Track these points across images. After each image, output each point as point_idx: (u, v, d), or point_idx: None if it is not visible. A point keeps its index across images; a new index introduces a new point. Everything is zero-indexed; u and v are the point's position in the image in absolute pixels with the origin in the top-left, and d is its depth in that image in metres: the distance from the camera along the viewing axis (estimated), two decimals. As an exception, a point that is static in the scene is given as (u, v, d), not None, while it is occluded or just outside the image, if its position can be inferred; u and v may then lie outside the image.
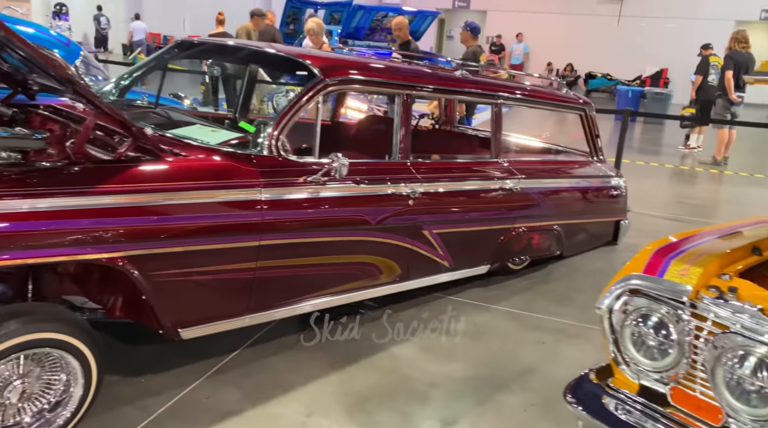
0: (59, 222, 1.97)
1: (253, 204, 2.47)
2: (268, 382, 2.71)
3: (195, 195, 2.30)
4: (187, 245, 2.30)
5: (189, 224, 2.29)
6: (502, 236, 3.77)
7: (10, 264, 1.91)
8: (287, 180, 2.61)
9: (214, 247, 2.38)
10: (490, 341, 3.31)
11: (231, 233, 2.41)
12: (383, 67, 3.22)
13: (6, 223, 1.87)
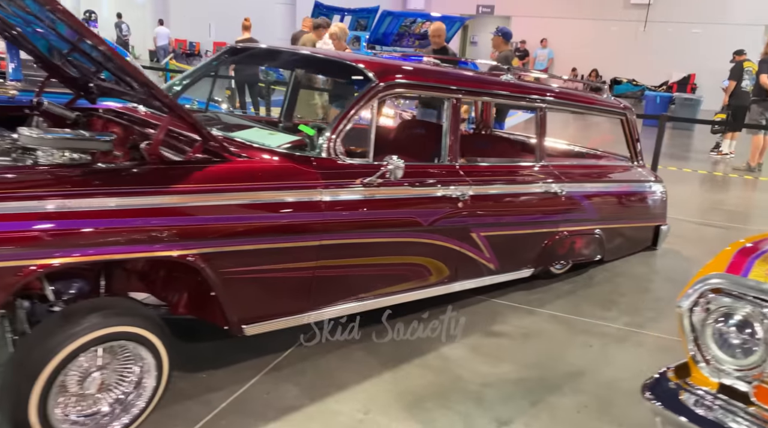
0: (139, 220, 2.05)
1: (315, 205, 2.53)
2: (323, 380, 2.76)
3: (262, 195, 2.37)
4: (255, 244, 2.37)
5: (256, 223, 2.36)
6: (546, 240, 3.79)
7: (98, 259, 1.99)
8: (345, 182, 2.66)
9: (278, 246, 2.45)
10: (537, 343, 3.33)
11: (294, 233, 2.48)
12: (434, 72, 3.27)
13: (91, 220, 1.95)
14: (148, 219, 2.07)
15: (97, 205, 1.97)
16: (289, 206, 2.45)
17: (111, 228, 2.00)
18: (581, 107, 4.23)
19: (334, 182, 2.62)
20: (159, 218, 2.09)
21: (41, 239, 1.85)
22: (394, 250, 2.95)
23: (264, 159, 2.53)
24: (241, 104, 8.90)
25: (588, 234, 4.11)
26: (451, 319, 3.40)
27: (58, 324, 1.99)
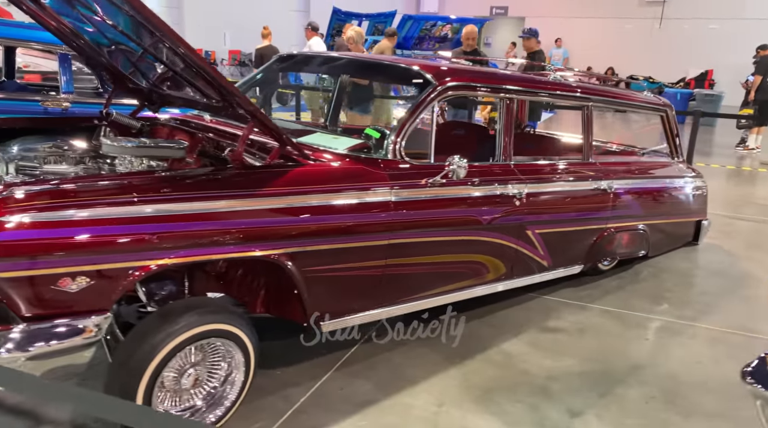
0: (233, 222, 2.14)
1: (385, 205, 2.61)
2: (392, 375, 2.84)
3: (339, 197, 2.46)
4: (333, 243, 2.45)
5: (334, 223, 2.44)
6: (595, 237, 3.84)
7: (198, 260, 2.09)
8: (411, 182, 2.74)
9: (353, 245, 2.53)
10: (594, 338, 3.38)
11: (367, 233, 2.56)
12: (489, 74, 3.34)
13: (190, 222, 2.04)
14: (241, 221, 2.16)
15: (196, 208, 2.06)
16: (362, 207, 2.53)
17: (208, 230, 2.09)
18: (625, 105, 4.28)
19: (401, 182, 2.69)
20: (250, 219, 2.18)
21: (150, 242, 1.95)
22: (456, 248, 3.02)
23: (336, 162, 2.61)
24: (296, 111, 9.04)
25: (634, 230, 4.15)
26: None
27: (158, 324, 2.08)
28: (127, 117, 3.31)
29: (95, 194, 1.90)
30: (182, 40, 2.09)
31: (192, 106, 3.31)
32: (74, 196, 1.86)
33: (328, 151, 2.71)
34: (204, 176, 2.26)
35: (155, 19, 1.97)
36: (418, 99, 2.88)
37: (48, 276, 1.78)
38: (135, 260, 1.93)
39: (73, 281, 1.82)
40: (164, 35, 2.03)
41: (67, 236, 1.80)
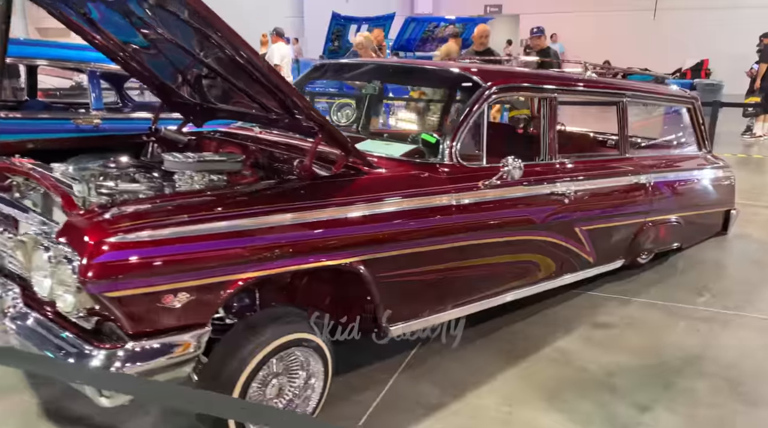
0: (315, 231, 2.17)
1: (448, 209, 2.64)
2: (455, 377, 2.85)
3: (406, 202, 2.48)
4: (403, 248, 2.47)
5: (403, 228, 2.47)
6: (635, 231, 3.87)
7: (285, 271, 2.12)
8: (469, 185, 2.76)
9: (420, 250, 2.55)
10: (645, 331, 3.41)
11: (433, 236, 2.58)
12: (532, 74, 3.37)
13: (277, 235, 2.07)
14: (322, 231, 2.19)
15: (281, 221, 2.09)
16: (428, 211, 2.56)
17: (294, 241, 2.11)
18: (655, 99, 4.32)
19: (460, 186, 2.72)
20: (329, 229, 2.21)
21: (242, 255, 1.97)
22: (511, 249, 3.04)
23: (398, 168, 2.63)
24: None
25: (670, 223, 4.18)
26: (554, 314, 3.48)
27: (245, 336, 2.09)
28: (174, 132, 3.33)
29: (191, 212, 1.92)
30: (249, 46, 2.10)
31: (238, 118, 3.34)
32: (173, 214, 1.88)
33: (385, 158, 2.73)
34: (284, 189, 2.28)
35: (218, 22, 1.98)
36: (469, 102, 2.91)
37: (153, 294, 1.81)
38: (230, 274, 1.95)
39: (176, 298, 1.84)
40: (230, 43, 2.04)
41: (170, 253, 1.82)
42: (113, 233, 1.75)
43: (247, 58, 2.09)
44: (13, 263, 2.24)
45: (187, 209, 1.94)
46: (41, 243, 1.83)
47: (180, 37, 2.49)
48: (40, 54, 4.61)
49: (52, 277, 1.79)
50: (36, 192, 2.34)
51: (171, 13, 2.17)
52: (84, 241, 1.72)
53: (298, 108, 2.32)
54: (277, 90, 2.25)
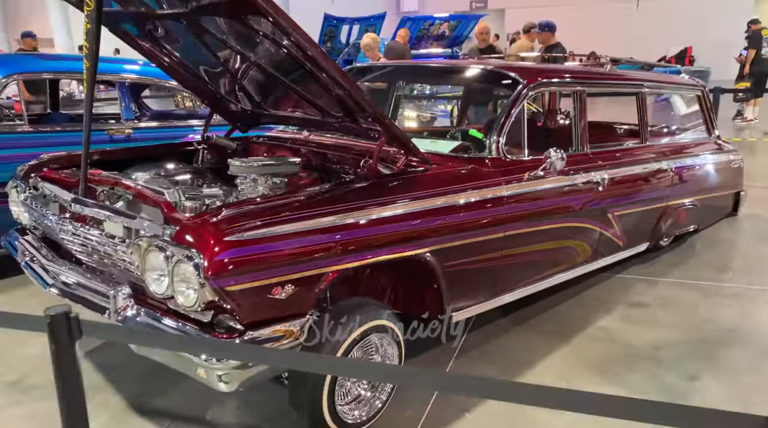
0: (393, 226, 2.32)
1: (501, 200, 2.80)
2: (509, 358, 3.02)
3: (467, 195, 2.65)
4: (466, 238, 2.63)
5: (465, 220, 2.63)
6: (659, 215, 4.07)
7: (370, 262, 2.27)
8: (517, 177, 2.93)
9: (480, 239, 2.72)
10: (679, 308, 3.60)
11: (490, 226, 2.75)
12: (564, 70, 3.55)
13: (363, 229, 2.22)
14: (400, 224, 2.35)
15: (367, 216, 2.25)
16: (487, 202, 2.73)
17: (377, 235, 2.28)
18: (668, 88, 4.52)
19: (509, 178, 2.89)
20: (406, 222, 2.37)
21: (335, 249, 2.13)
22: (554, 236, 3.22)
23: (453, 165, 2.79)
24: None
25: (689, 206, 4.39)
26: (588, 296, 3.66)
27: (334, 323, 2.24)
28: (224, 138, 3.47)
29: (291, 211, 2.07)
30: (328, 57, 2.25)
31: (285, 122, 3.49)
32: (276, 213, 2.04)
33: (437, 154, 2.89)
34: (363, 187, 2.42)
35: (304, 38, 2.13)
36: (510, 99, 3.08)
37: (264, 287, 1.96)
38: (327, 266, 2.11)
39: (283, 290, 1.99)
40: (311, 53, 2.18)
41: (278, 249, 1.97)
42: (230, 233, 1.90)
43: (324, 66, 2.24)
44: (88, 257, 2.37)
45: (287, 208, 2.09)
46: (156, 245, 1.97)
47: (248, 47, 2.64)
48: (75, 68, 4.71)
49: (171, 275, 1.94)
50: (122, 200, 2.47)
51: (246, 25, 2.33)
52: (205, 241, 1.87)
53: (365, 111, 2.48)
54: (346, 94, 2.39)
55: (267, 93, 3.15)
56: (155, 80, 4.94)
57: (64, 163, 2.95)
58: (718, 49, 19.56)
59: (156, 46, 2.97)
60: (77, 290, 2.30)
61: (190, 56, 3.03)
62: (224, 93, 3.28)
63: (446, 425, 2.51)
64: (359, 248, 2.21)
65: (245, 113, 3.42)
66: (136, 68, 5.01)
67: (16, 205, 2.87)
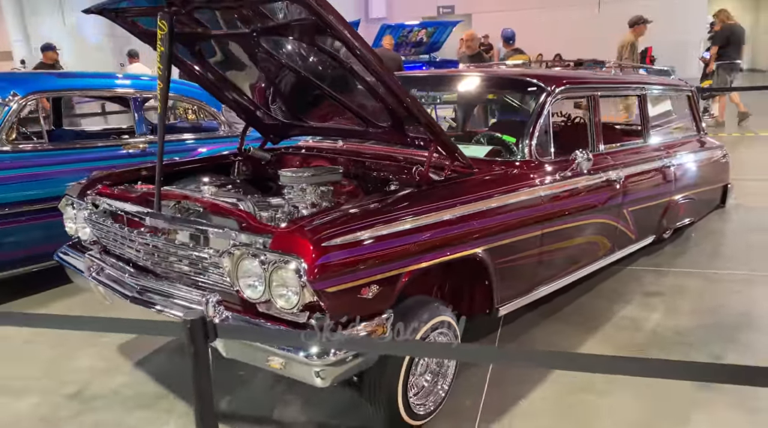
0: (455, 227, 2.49)
1: (539, 199, 3.00)
2: (548, 348, 3.21)
3: (516, 195, 2.84)
4: (513, 237, 2.82)
5: (515, 219, 2.82)
6: (664, 208, 4.33)
7: (438, 262, 2.42)
8: (549, 178, 3.13)
9: (523, 237, 2.90)
10: (692, 296, 3.85)
11: (531, 224, 2.94)
12: (582, 76, 3.78)
13: (429, 232, 2.38)
14: (460, 225, 2.51)
15: (436, 218, 2.41)
16: (527, 203, 2.91)
17: (445, 235, 2.44)
18: (663, 90, 4.80)
19: (543, 178, 3.08)
20: (464, 224, 2.54)
21: (411, 251, 2.29)
22: (582, 232, 3.42)
23: (490, 167, 2.97)
24: None
25: (688, 199, 4.67)
26: (605, 287, 3.87)
27: (408, 318, 2.38)
28: (260, 150, 3.58)
29: (372, 216, 2.22)
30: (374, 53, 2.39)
31: (323, 133, 3.62)
32: (359, 219, 2.18)
33: (474, 159, 3.06)
34: (424, 193, 2.57)
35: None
36: (536, 104, 3.27)
37: (356, 287, 2.10)
38: (404, 266, 2.26)
39: (370, 290, 2.13)
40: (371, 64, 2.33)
41: (367, 252, 2.12)
42: (326, 239, 2.04)
43: (387, 81, 2.39)
44: (167, 268, 2.46)
45: (369, 214, 2.25)
46: (250, 253, 2.09)
47: (299, 62, 2.77)
48: (90, 85, 4.75)
49: (268, 281, 2.06)
50: (191, 213, 2.57)
51: (311, 44, 2.47)
52: (305, 247, 2.00)
53: (418, 121, 2.63)
54: (403, 105, 2.55)
55: (308, 105, 3.29)
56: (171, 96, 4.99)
57: (116, 180, 3.02)
58: (677, 50, 20.37)
59: (200, 64, 3.07)
60: (163, 301, 2.40)
61: (235, 72, 3.14)
62: (262, 106, 3.40)
63: (504, 412, 2.67)
64: (430, 249, 2.37)
65: (280, 125, 3.54)
66: (146, 83, 5.08)
67: (72, 221, 2.93)
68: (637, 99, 4.32)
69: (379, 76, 2.40)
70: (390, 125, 2.88)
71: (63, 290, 4.08)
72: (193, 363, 1.63)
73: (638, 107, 4.33)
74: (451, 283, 2.92)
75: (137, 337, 3.44)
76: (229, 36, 2.70)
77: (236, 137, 5.39)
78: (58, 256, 3.06)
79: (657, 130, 5.13)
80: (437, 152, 2.77)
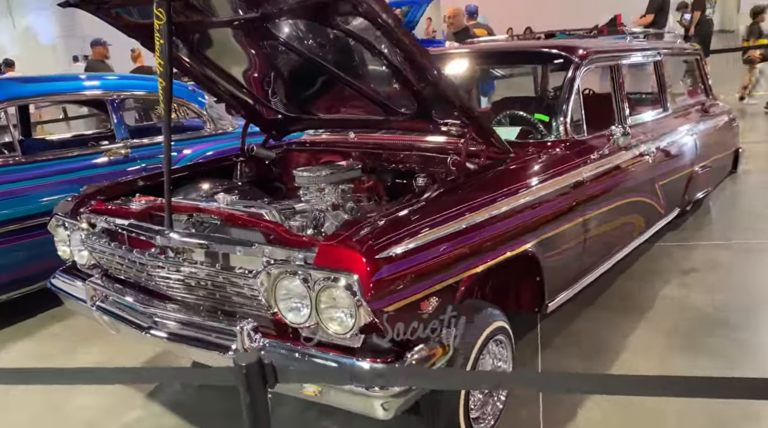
0: (508, 222, 2.22)
1: (582, 182, 2.74)
2: (595, 343, 2.97)
3: (561, 180, 2.57)
4: (559, 227, 2.56)
5: (562, 206, 2.56)
6: (688, 179, 4.11)
7: (494, 263, 2.15)
8: (589, 156, 2.87)
9: (570, 224, 2.64)
10: (726, 269, 3.67)
11: (576, 210, 2.68)
12: (605, 45, 3.50)
13: (484, 229, 2.11)
14: (512, 219, 2.24)
15: (487, 214, 2.13)
16: (571, 187, 2.65)
17: (498, 233, 2.17)
18: (675, 55, 4.57)
19: (584, 158, 2.82)
20: (517, 217, 2.27)
21: (465, 253, 2.01)
22: (622, 212, 3.18)
23: (527, 150, 2.69)
24: None
25: (707, 168, 4.46)
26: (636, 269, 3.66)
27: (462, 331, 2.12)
28: (264, 149, 3.26)
29: (422, 218, 1.94)
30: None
31: (332, 125, 3.31)
32: (409, 223, 1.89)
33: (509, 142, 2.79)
34: (470, 185, 2.30)
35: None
36: (566, 78, 3.00)
37: (414, 303, 1.82)
38: (462, 272, 1.98)
39: (429, 303, 1.86)
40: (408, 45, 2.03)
41: (424, 260, 1.84)
42: (380, 250, 1.75)
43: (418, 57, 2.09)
44: (188, 293, 2.15)
45: (417, 216, 1.96)
46: (290, 271, 1.79)
47: (313, 48, 2.46)
48: (62, 89, 4.34)
49: (315, 302, 1.76)
50: (207, 227, 2.25)
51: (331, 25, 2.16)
52: (357, 261, 1.70)
53: (453, 104, 2.34)
54: (437, 88, 2.25)
55: (315, 95, 2.97)
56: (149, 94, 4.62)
57: (110, 193, 2.67)
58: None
59: (196, 57, 2.73)
60: (185, 330, 2.08)
61: (235, 63, 2.81)
62: (263, 98, 3.07)
63: (565, 422, 2.43)
64: (488, 249, 2.11)
65: (283, 119, 3.22)
66: (123, 83, 4.69)
67: (65, 244, 2.58)
68: (654, 66, 4.08)
69: (411, 55, 2.09)
70: (415, 111, 2.59)
71: (52, 315, 3.73)
72: (249, 415, 1.33)
73: (655, 75, 4.09)
74: (494, 282, 2.65)
75: (143, 362, 3.12)
76: (232, 23, 2.37)
77: (222, 135, 5.08)
78: (52, 284, 2.70)
79: (674, 98, 4.92)
80: (475, 138, 2.49)
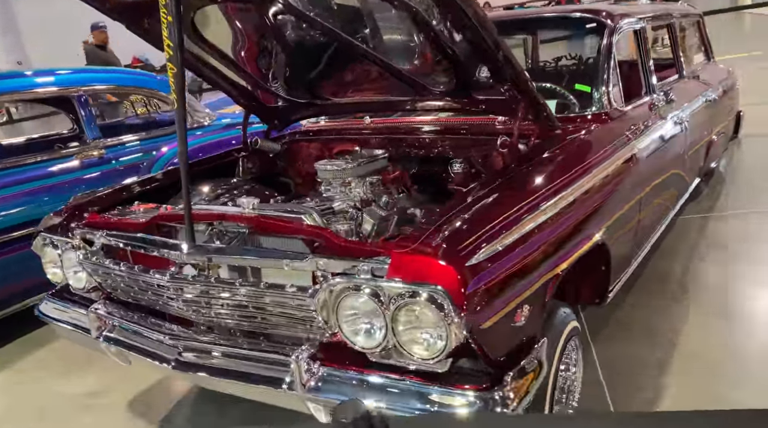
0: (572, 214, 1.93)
1: (633, 155, 2.48)
2: (645, 329, 2.74)
3: (615, 160, 2.30)
4: (620, 210, 2.30)
5: (621, 186, 2.30)
6: (707, 146, 3.92)
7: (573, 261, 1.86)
8: (636, 127, 2.61)
9: (627, 207, 2.39)
10: (756, 242, 3.48)
11: (632, 188, 2.43)
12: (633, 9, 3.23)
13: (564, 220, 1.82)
14: (585, 207, 1.97)
15: (563, 204, 1.85)
16: (627, 163, 2.39)
17: (575, 223, 1.90)
18: (683, 18, 4.35)
19: (633, 130, 2.57)
20: (587, 204, 1.99)
21: (551, 250, 1.74)
22: (667, 186, 2.97)
23: (577, 125, 2.41)
24: None
25: (720, 134, 4.29)
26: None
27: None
28: (269, 141, 2.90)
29: (499, 214, 1.64)
30: None
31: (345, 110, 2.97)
32: (486, 222, 1.60)
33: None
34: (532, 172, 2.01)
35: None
36: (602, 44, 2.72)
37: (510, 313, 1.52)
38: (549, 271, 1.70)
39: (522, 313, 1.56)
40: None
41: (513, 263, 1.55)
42: (468, 256, 1.44)
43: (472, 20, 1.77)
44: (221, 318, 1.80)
45: (493, 211, 1.65)
46: (357, 287, 1.46)
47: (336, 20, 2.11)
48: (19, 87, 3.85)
49: (391, 322, 1.44)
50: (231, 236, 1.89)
51: None
52: (447, 271, 1.39)
53: (503, 73, 2.02)
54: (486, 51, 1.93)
55: (325, 77, 2.63)
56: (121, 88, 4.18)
57: (103, 203, 2.28)
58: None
59: (196, 41, 2.35)
60: (222, 362, 1.73)
61: (236, 44, 2.44)
62: (264, 82, 2.71)
63: None
64: (570, 242, 1.83)
65: (288, 107, 2.86)
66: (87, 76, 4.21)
67: (55, 265, 2.19)
68: (668, 29, 3.85)
69: (463, 16, 1.76)
70: (453, 87, 2.27)
71: (31, 339, 3.33)
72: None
73: (669, 38, 3.86)
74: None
75: (145, 391, 2.76)
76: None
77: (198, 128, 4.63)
78: (42, 312, 2.29)
79: (687, 62, 4.72)
80: (526, 115, 2.18)
